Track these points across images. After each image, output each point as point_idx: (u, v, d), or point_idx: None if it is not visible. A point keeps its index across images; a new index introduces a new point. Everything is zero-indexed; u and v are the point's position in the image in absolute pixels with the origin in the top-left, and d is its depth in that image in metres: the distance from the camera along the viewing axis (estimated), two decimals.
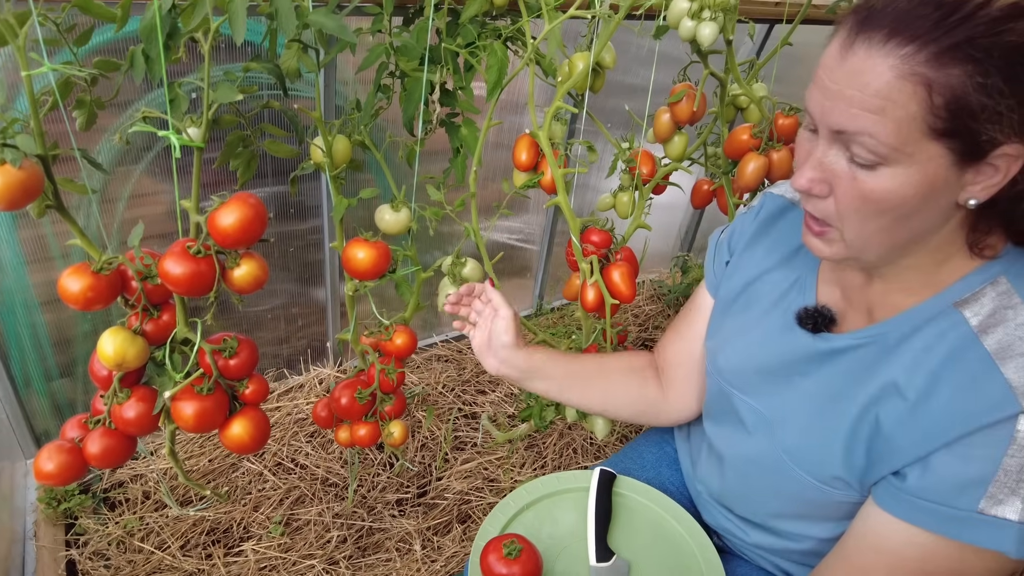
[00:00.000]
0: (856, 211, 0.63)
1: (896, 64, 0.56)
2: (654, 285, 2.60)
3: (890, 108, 0.57)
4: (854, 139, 0.59)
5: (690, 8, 1.06)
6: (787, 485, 0.79)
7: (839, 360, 0.74)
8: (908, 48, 0.55)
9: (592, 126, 1.90)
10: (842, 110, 0.59)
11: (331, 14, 0.80)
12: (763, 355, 0.82)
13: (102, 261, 0.81)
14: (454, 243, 2.07)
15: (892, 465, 0.67)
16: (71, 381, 1.61)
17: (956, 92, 0.55)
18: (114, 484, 1.55)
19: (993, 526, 0.60)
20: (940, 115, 0.56)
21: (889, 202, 0.61)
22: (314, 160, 1.00)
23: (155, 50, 0.76)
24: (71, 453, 0.89)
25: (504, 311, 0.96)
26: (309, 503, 1.56)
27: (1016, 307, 0.63)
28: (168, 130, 0.76)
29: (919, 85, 0.55)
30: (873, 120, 0.57)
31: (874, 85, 0.57)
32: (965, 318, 0.64)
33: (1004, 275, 0.65)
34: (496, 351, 0.97)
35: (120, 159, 1.45)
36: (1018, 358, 0.60)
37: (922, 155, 0.58)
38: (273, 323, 1.83)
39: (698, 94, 1.22)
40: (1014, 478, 0.59)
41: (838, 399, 0.73)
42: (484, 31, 1.05)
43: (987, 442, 0.60)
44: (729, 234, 0.93)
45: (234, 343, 0.91)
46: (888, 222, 0.62)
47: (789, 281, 0.83)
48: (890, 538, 0.68)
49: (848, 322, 0.76)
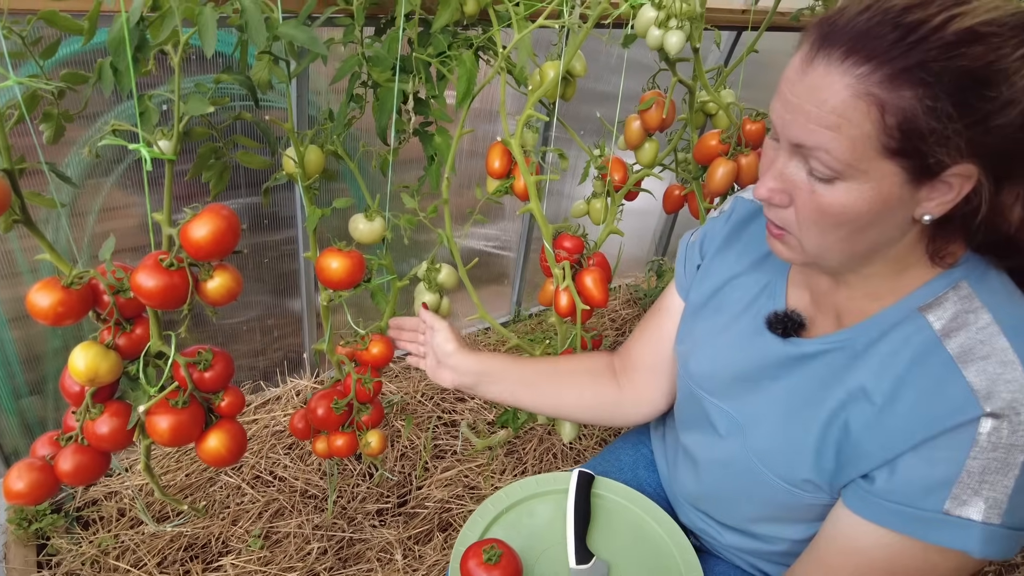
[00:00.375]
0: (814, 223, 0.64)
1: (852, 83, 0.57)
2: (630, 289, 2.62)
3: (845, 126, 0.58)
4: (811, 153, 0.61)
5: (657, 17, 1.08)
6: (759, 489, 0.80)
7: (808, 365, 0.75)
8: (864, 68, 0.56)
9: (564, 133, 1.92)
10: (801, 124, 0.60)
11: (301, 26, 0.81)
12: (734, 359, 0.83)
13: (72, 275, 0.81)
14: (428, 250, 2.07)
15: (861, 468, 0.68)
16: (41, 399, 1.58)
17: (907, 114, 0.56)
18: (87, 502, 1.52)
19: (957, 527, 0.62)
20: (892, 135, 0.57)
21: (845, 215, 0.62)
22: (286, 171, 1.00)
23: (123, 63, 0.76)
24: (42, 471, 0.88)
25: (438, 324, 1.03)
26: (288, 515, 1.55)
27: (977, 311, 0.64)
28: (138, 143, 0.76)
29: (873, 105, 0.56)
30: (829, 136, 0.59)
31: (831, 102, 0.58)
32: (929, 322, 0.66)
33: (965, 280, 0.66)
34: (445, 363, 1.02)
35: (90, 172, 1.43)
36: (979, 361, 0.62)
37: (876, 172, 0.59)
38: (249, 335, 1.81)
39: (667, 101, 1.24)
40: (977, 479, 0.61)
41: (808, 403, 0.74)
42: (455, 41, 1.06)
43: (950, 445, 0.62)
44: (700, 238, 0.94)
45: (209, 355, 0.90)
46: (845, 234, 0.64)
47: (760, 286, 0.84)
48: (859, 539, 0.69)
49: (817, 327, 0.78)
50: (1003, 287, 0.66)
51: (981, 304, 0.64)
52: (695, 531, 0.98)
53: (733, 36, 2.12)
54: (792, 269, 0.83)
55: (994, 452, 0.60)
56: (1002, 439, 0.60)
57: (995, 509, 0.60)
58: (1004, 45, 0.55)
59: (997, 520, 0.61)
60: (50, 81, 0.79)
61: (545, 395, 1.03)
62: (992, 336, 0.62)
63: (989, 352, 0.62)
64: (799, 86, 0.60)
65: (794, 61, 0.62)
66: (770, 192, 0.66)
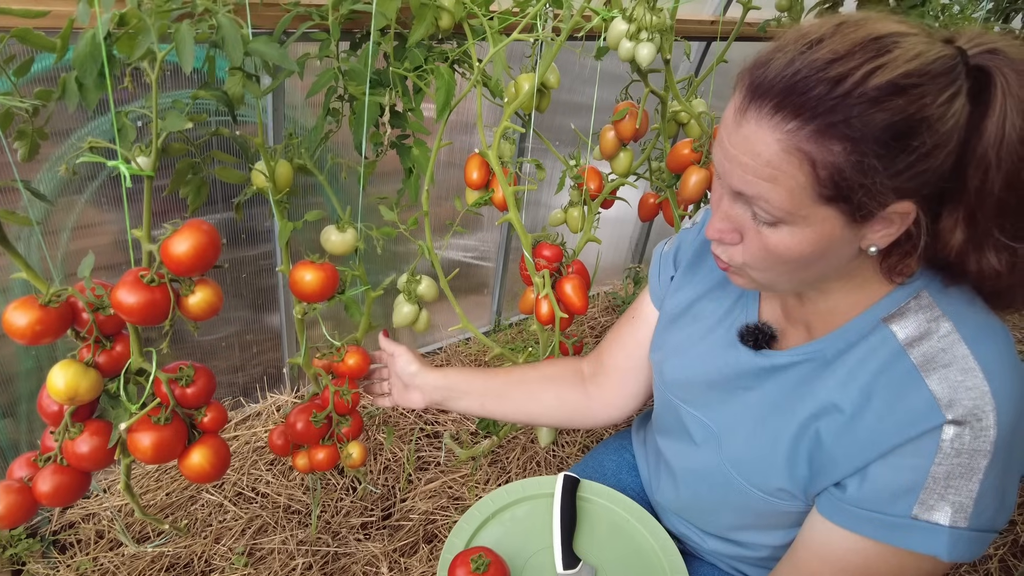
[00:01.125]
0: (762, 259, 0.66)
1: (782, 138, 0.58)
2: (608, 297, 2.65)
3: (781, 177, 0.59)
4: (752, 201, 0.62)
5: (628, 30, 1.11)
6: (735, 497, 0.82)
7: (780, 376, 0.77)
8: (792, 124, 0.57)
9: (540, 144, 1.95)
10: (739, 175, 0.62)
11: (272, 43, 0.81)
12: (708, 369, 0.85)
13: (50, 294, 0.80)
14: (409, 262, 2.08)
15: (833, 477, 0.70)
16: (13, 422, 1.55)
17: (836, 167, 0.57)
18: (64, 526, 1.50)
19: (926, 531, 0.64)
20: (826, 185, 0.58)
21: (790, 254, 0.64)
22: (256, 185, 1.01)
23: (91, 79, 0.76)
24: (20, 493, 0.86)
25: (397, 349, 1.07)
26: (272, 532, 1.53)
27: (938, 320, 0.66)
28: (116, 160, 0.76)
29: (804, 160, 0.58)
30: (766, 187, 0.60)
31: (765, 155, 0.59)
32: (893, 332, 0.68)
33: (926, 289, 0.68)
34: (412, 385, 1.06)
35: (63, 189, 1.41)
36: (941, 369, 0.64)
37: (815, 217, 0.60)
38: (227, 351, 1.80)
39: (640, 112, 1.26)
40: (942, 485, 0.63)
41: (780, 413, 0.76)
42: (431, 54, 1.08)
43: (916, 452, 0.64)
44: (674, 249, 0.95)
45: (190, 371, 0.90)
46: (791, 268, 0.66)
47: (732, 299, 0.86)
48: (834, 546, 0.71)
49: (788, 339, 0.80)
50: (962, 295, 0.68)
51: (941, 313, 0.66)
52: (678, 536, 0.99)
53: (703, 47, 2.17)
54: None
55: (958, 458, 0.62)
56: (965, 445, 0.62)
57: (961, 513, 0.62)
58: (926, 94, 0.55)
59: (964, 524, 0.63)
60: (25, 99, 0.79)
61: (514, 404, 1.05)
62: (953, 344, 0.64)
63: (950, 360, 0.64)
64: (735, 136, 0.61)
65: (729, 109, 0.63)
66: (720, 232, 0.67)
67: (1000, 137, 0.57)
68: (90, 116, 1.36)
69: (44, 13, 0.79)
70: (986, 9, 1.90)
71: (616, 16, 1.11)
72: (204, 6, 0.72)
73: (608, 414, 1.04)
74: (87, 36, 0.71)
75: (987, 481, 0.62)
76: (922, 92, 0.55)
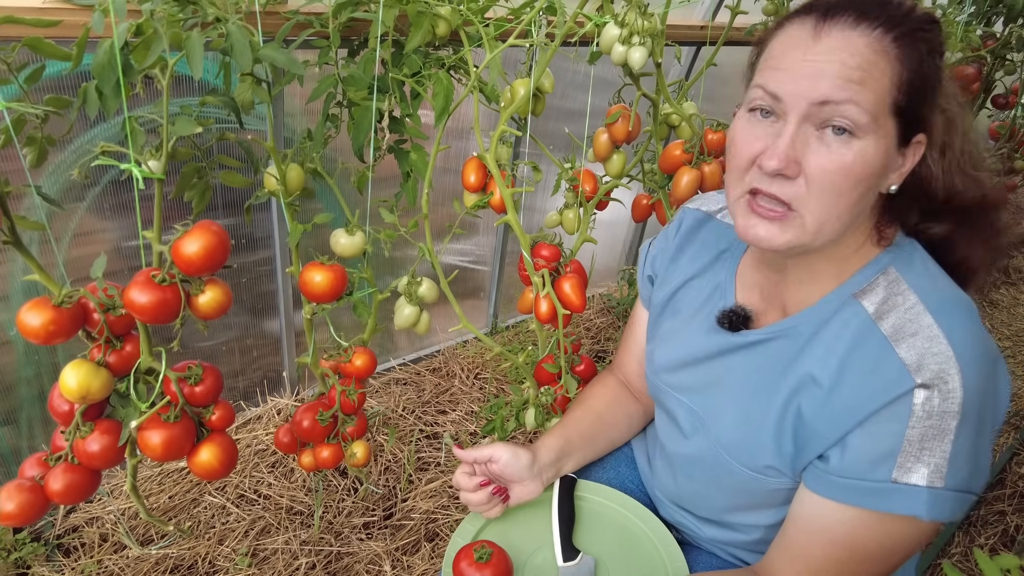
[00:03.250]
0: (832, 184, 0.66)
1: (871, 42, 0.64)
2: (603, 299, 2.68)
3: (869, 80, 0.64)
4: (837, 109, 0.64)
5: (621, 34, 1.14)
6: (727, 478, 0.85)
7: (756, 353, 0.81)
8: (879, 30, 0.65)
9: (535, 149, 1.98)
10: (828, 82, 0.64)
11: (280, 49, 0.84)
12: (691, 355, 0.90)
13: (63, 295, 0.82)
14: (406, 267, 2.10)
15: (816, 450, 0.73)
16: (14, 429, 1.56)
17: (915, 69, 0.65)
18: (68, 529, 1.51)
19: (905, 493, 0.67)
20: (902, 90, 0.65)
21: (861, 174, 0.66)
22: (268, 188, 1.03)
23: (109, 87, 0.78)
24: (32, 491, 0.88)
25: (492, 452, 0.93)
26: (275, 532, 1.55)
27: (904, 293, 0.71)
28: (125, 163, 0.78)
29: (894, 60, 0.65)
30: (856, 89, 0.64)
31: (855, 58, 0.64)
32: (864, 307, 0.72)
33: (892, 265, 0.73)
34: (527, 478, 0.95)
35: (63, 197, 1.43)
36: (909, 338, 0.68)
37: (885, 128, 0.66)
38: (228, 356, 1.82)
39: (632, 114, 1.29)
40: (917, 447, 0.66)
41: (762, 392, 0.79)
42: (428, 60, 1.10)
43: (891, 417, 0.67)
44: (656, 249, 1.01)
45: (199, 370, 0.92)
46: (856, 197, 0.67)
47: (711, 287, 0.90)
48: (822, 518, 0.74)
49: (765, 319, 0.84)
50: (926, 269, 0.74)
51: (907, 286, 0.71)
52: (676, 525, 1.02)
53: (693, 51, 2.21)
54: (740, 268, 0.89)
55: (929, 420, 0.66)
56: (935, 407, 0.65)
57: (937, 473, 0.66)
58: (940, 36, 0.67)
59: (940, 484, 0.66)
60: (36, 105, 0.81)
61: (604, 441, 1.07)
62: (918, 315, 0.69)
63: (917, 329, 0.68)
64: (814, 50, 0.65)
65: (792, 39, 0.67)
66: (785, 161, 0.66)
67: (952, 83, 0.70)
68: (88, 123, 1.38)
69: (56, 22, 0.81)
70: (968, 13, 1.94)
71: (609, 21, 1.15)
72: (215, 15, 0.75)
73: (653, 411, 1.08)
74: (105, 46, 0.74)
75: (959, 441, 0.66)
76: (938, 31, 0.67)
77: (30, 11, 0.89)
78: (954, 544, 1.72)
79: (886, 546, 0.71)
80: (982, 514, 1.83)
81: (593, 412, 1.06)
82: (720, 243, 0.92)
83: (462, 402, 2.03)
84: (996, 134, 2.38)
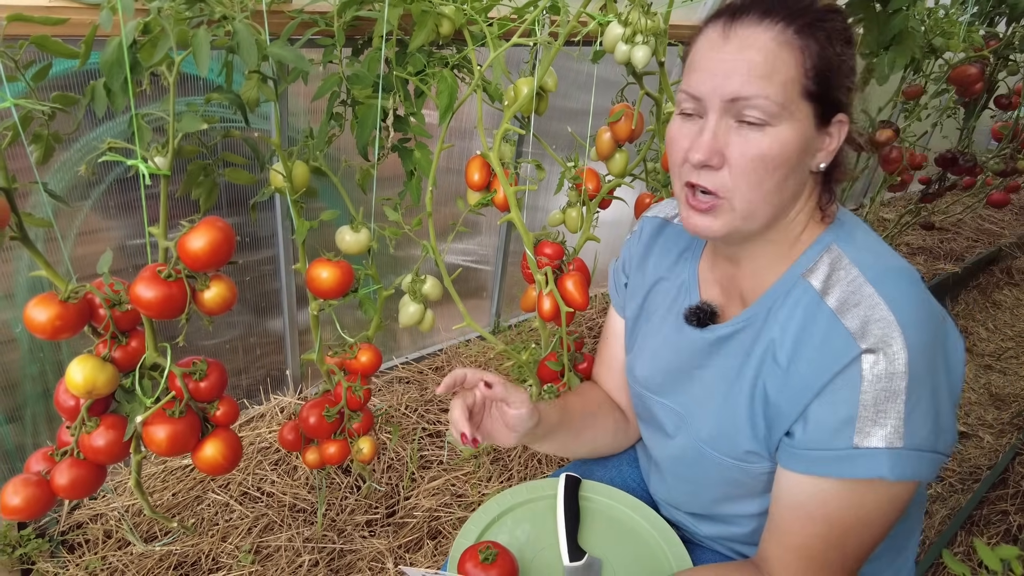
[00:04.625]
0: (752, 171, 0.72)
1: (775, 36, 0.69)
2: (605, 298, 2.68)
3: (775, 72, 0.69)
4: (749, 103, 0.70)
5: (624, 33, 1.14)
6: (714, 471, 0.87)
7: (725, 346, 0.84)
8: (780, 24, 0.70)
9: (536, 148, 1.98)
10: (738, 80, 0.70)
11: (288, 46, 0.85)
12: (666, 356, 0.92)
13: (69, 290, 0.83)
14: (408, 265, 2.11)
15: (783, 427, 0.76)
16: (19, 425, 1.56)
17: (820, 56, 0.70)
18: (72, 526, 1.51)
19: (868, 457, 0.70)
20: (810, 77, 0.70)
21: (779, 158, 0.71)
22: (274, 185, 1.04)
23: (118, 83, 0.79)
24: (39, 486, 0.89)
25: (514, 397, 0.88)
26: (278, 530, 1.55)
27: (847, 267, 0.75)
28: (132, 160, 0.79)
29: (795, 50, 0.69)
30: (764, 83, 0.69)
31: (761, 54, 0.69)
32: (811, 285, 0.76)
33: (835, 242, 0.78)
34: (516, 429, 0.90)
35: (67, 195, 1.44)
36: (853, 309, 0.71)
37: (799, 114, 0.71)
38: (231, 354, 1.82)
39: (635, 113, 1.30)
40: (872, 410, 0.69)
41: (733, 381, 0.82)
42: (431, 59, 1.11)
43: (844, 385, 0.70)
44: (622, 259, 1.05)
45: (203, 365, 0.93)
46: (777, 181, 0.73)
47: (676, 287, 0.94)
48: (796, 494, 0.76)
49: (728, 313, 0.87)
50: (867, 244, 0.78)
51: (849, 261, 0.75)
52: (676, 524, 1.02)
53: None
54: (701, 265, 0.92)
55: (879, 383, 0.69)
56: (882, 370, 0.69)
57: (896, 434, 0.69)
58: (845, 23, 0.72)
59: (900, 443, 0.69)
60: (43, 102, 0.81)
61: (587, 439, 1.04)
62: (860, 286, 0.73)
63: (859, 300, 0.72)
64: (724, 50, 0.71)
65: (705, 41, 0.74)
66: (708, 153, 0.72)
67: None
68: (93, 121, 1.38)
69: (63, 20, 0.82)
70: (971, 13, 1.95)
71: (612, 21, 1.15)
72: (222, 13, 0.76)
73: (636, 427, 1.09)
74: (114, 43, 0.74)
75: (911, 401, 0.69)
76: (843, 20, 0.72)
77: (37, 9, 0.90)
78: (956, 543, 1.72)
79: (861, 516, 0.73)
80: (984, 513, 1.83)
81: (588, 408, 1.06)
82: (680, 244, 0.96)
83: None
84: (999, 135, 2.38)
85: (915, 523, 0.94)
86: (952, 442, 0.73)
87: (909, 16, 1.49)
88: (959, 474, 1.99)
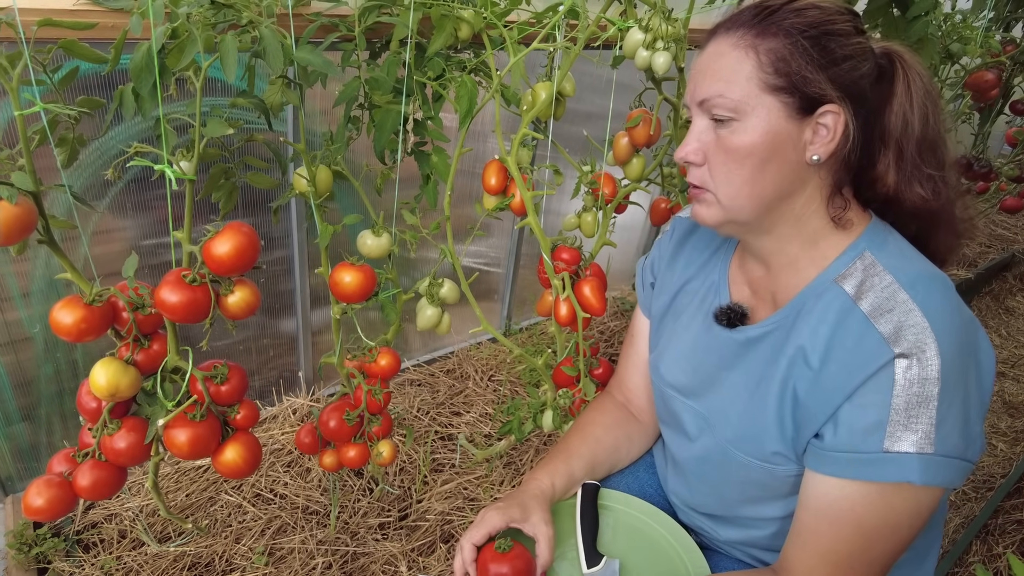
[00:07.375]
0: (723, 164, 0.76)
1: (734, 40, 0.74)
2: (617, 302, 2.68)
3: (733, 73, 0.74)
4: (714, 102, 0.75)
5: (644, 39, 1.14)
6: (738, 472, 0.87)
7: (755, 348, 0.84)
8: (741, 30, 0.75)
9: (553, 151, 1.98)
10: (702, 83, 0.76)
11: (315, 51, 0.85)
12: (694, 356, 0.92)
13: (94, 293, 0.83)
14: (422, 268, 2.11)
15: (812, 429, 0.76)
16: (33, 425, 1.57)
17: (777, 52, 0.72)
18: (87, 526, 1.52)
19: (897, 462, 0.70)
20: (768, 71, 0.73)
21: (744, 150, 0.74)
22: (298, 189, 1.04)
23: (146, 88, 0.80)
24: (61, 487, 0.90)
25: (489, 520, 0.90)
26: (291, 532, 1.56)
27: (880, 274, 0.76)
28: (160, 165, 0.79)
29: (748, 49, 0.73)
30: (723, 84, 0.74)
31: (723, 58, 0.75)
32: (844, 290, 0.76)
33: (868, 249, 0.78)
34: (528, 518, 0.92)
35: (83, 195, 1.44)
36: (887, 314, 0.72)
37: (762, 108, 0.73)
38: (244, 355, 1.83)
39: (654, 119, 1.30)
40: (904, 415, 0.69)
41: (761, 382, 0.82)
42: (450, 63, 1.11)
43: (876, 388, 0.70)
44: (651, 258, 1.06)
45: (225, 369, 0.93)
46: (748, 172, 0.75)
47: (706, 287, 0.94)
48: (824, 496, 0.76)
49: (759, 314, 0.87)
50: (899, 251, 0.79)
51: (883, 268, 0.76)
52: (695, 530, 1.02)
53: None
54: (732, 265, 0.93)
55: (911, 388, 0.69)
56: (915, 375, 0.69)
57: (926, 440, 0.69)
58: (834, 15, 0.74)
59: (930, 449, 0.69)
60: (71, 107, 0.82)
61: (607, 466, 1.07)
62: (894, 292, 0.73)
63: (893, 305, 0.72)
64: (699, 62, 0.78)
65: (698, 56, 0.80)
66: (688, 152, 0.78)
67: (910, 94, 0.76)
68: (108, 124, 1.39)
69: (92, 25, 0.82)
70: (987, 18, 1.94)
71: (633, 26, 1.15)
72: (249, 18, 0.76)
73: (656, 429, 1.09)
74: (143, 48, 0.75)
75: (943, 407, 0.69)
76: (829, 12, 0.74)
77: (62, 13, 0.90)
78: (972, 552, 1.71)
79: (889, 520, 0.73)
80: (1000, 523, 1.82)
81: (592, 439, 1.07)
82: (711, 245, 0.97)
83: (476, 404, 2.04)
84: (1013, 140, 2.37)
85: (936, 532, 0.94)
86: (980, 451, 0.73)
87: (928, 22, 1.48)
88: (973, 482, 1.98)
